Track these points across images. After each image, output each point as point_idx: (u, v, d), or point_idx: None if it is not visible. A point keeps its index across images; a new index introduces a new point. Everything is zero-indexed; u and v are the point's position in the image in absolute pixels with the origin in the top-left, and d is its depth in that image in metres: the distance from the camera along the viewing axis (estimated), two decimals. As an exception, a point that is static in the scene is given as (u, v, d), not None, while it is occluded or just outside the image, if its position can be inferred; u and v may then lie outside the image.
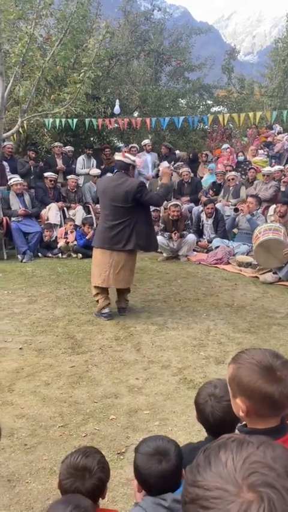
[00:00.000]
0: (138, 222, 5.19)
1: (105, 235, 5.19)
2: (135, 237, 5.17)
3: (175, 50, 13.19)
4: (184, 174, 10.01)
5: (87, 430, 3.34)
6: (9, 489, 2.77)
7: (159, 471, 1.66)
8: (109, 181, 5.32)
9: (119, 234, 5.15)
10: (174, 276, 7.22)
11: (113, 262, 5.20)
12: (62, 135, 11.23)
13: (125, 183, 5.11)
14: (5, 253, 8.21)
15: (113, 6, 17.55)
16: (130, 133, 12.80)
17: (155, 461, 1.68)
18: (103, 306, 5.38)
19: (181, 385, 3.95)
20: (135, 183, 5.15)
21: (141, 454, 1.72)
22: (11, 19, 6.45)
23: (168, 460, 1.68)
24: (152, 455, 1.69)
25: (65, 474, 1.73)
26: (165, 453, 1.70)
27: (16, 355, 4.45)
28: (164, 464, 1.67)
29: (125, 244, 5.16)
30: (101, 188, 5.36)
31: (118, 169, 5.37)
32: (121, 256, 5.21)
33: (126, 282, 5.38)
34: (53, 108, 7.11)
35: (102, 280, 5.26)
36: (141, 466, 1.69)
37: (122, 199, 5.09)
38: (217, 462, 0.74)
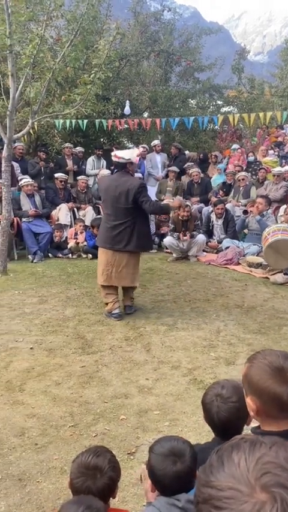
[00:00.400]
0: (138, 222, 5.23)
1: (107, 234, 5.26)
2: (136, 238, 5.22)
3: (185, 51, 13.16)
4: (194, 175, 9.99)
5: (97, 430, 3.35)
6: (20, 488, 2.78)
7: (173, 472, 1.66)
8: (111, 181, 5.36)
9: (120, 234, 5.20)
10: (184, 276, 7.21)
11: (115, 261, 5.27)
12: (72, 136, 11.27)
13: (127, 182, 5.16)
14: (16, 254, 8.26)
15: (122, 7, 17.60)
16: (140, 134, 12.81)
17: (170, 462, 1.68)
18: (115, 307, 5.40)
19: (191, 386, 3.95)
20: (137, 183, 5.21)
21: (155, 454, 1.73)
22: (22, 21, 6.48)
23: (183, 461, 1.68)
24: (167, 456, 1.70)
25: (76, 473, 1.74)
26: (180, 454, 1.70)
27: (27, 354, 4.48)
28: (178, 465, 1.67)
29: (126, 245, 5.21)
30: (103, 187, 5.41)
31: (117, 169, 5.45)
32: (123, 256, 5.27)
33: (129, 280, 5.41)
34: (64, 109, 7.14)
35: (105, 278, 5.33)
36: (155, 467, 1.70)
37: (123, 199, 5.14)
38: (230, 462, 0.74)
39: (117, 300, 5.46)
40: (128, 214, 5.17)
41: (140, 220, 5.25)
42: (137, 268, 5.51)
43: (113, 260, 5.27)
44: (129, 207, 5.14)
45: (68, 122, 9.72)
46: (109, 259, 5.28)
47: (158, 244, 8.95)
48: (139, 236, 5.24)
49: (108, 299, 5.42)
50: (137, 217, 5.20)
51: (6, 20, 6.05)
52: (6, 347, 4.63)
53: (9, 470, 2.94)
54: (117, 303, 5.43)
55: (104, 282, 5.36)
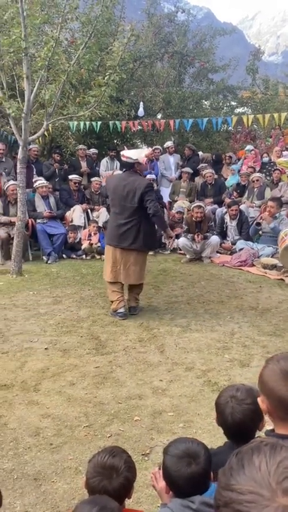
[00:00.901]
0: (144, 221, 5.28)
1: (114, 232, 5.34)
2: (142, 236, 5.29)
3: (199, 52, 13.13)
4: (208, 176, 9.96)
5: (111, 431, 3.36)
6: (35, 488, 2.80)
7: (188, 474, 1.66)
8: (119, 180, 5.42)
9: (126, 232, 5.27)
10: (198, 277, 7.19)
11: (123, 259, 5.34)
12: (86, 138, 11.32)
13: (135, 182, 5.24)
14: (31, 255, 8.32)
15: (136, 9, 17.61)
16: (153, 135, 12.81)
17: (185, 463, 1.68)
18: (120, 306, 5.45)
19: (205, 388, 3.93)
20: (144, 183, 5.30)
21: (170, 456, 1.73)
22: (37, 24, 6.53)
23: (197, 462, 1.68)
24: (182, 458, 1.70)
25: (92, 473, 1.75)
26: (195, 456, 1.70)
27: (42, 355, 4.51)
28: (193, 467, 1.67)
29: (132, 243, 5.28)
30: (111, 186, 5.46)
31: (125, 168, 5.54)
32: (130, 253, 5.34)
33: (135, 278, 5.46)
34: (78, 111, 7.17)
35: (113, 275, 5.40)
36: (170, 468, 1.70)
37: (130, 198, 5.22)
38: (250, 466, 0.74)
39: (123, 299, 5.51)
40: (135, 213, 5.24)
41: (146, 220, 5.30)
42: (144, 267, 5.58)
43: (121, 258, 5.35)
44: (136, 206, 5.22)
45: (82, 123, 9.77)
46: (117, 256, 5.36)
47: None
48: (145, 235, 5.31)
49: (113, 297, 5.48)
50: (143, 216, 5.26)
51: (22, 23, 6.10)
52: (21, 347, 4.67)
53: (24, 469, 2.96)
54: (122, 302, 5.48)
55: (112, 279, 5.43)
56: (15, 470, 2.95)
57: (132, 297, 5.68)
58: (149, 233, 5.40)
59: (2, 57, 6.39)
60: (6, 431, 3.34)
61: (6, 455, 3.10)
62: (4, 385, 3.94)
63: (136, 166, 5.38)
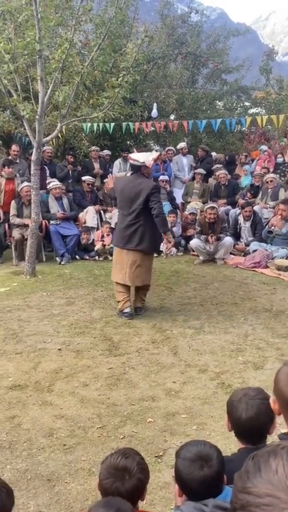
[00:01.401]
0: (150, 223, 5.34)
1: (121, 234, 5.43)
2: (148, 238, 5.35)
3: (212, 52, 13.09)
4: (221, 177, 9.92)
5: (125, 432, 3.36)
6: (49, 488, 2.81)
7: (201, 476, 1.65)
8: (126, 182, 5.50)
9: (132, 233, 5.34)
10: (211, 279, 7.16)
11: (129, 261, 5.39)
12: (99, 139, 11.35)
13: (141, 184, 5.31)
14: (44, 256, 8.37)
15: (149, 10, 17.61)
16: (166, 136, 12.81)
17: (197, 466, 1.66)
18: (125, 306, 5.50)
19: (219, 390, 3.91)
20: (150, 185, 5.36)
21: (182, 459, 1.71)
22: (51, 26, 6.57)
23: (210, 465, 1.66)
24: (194, 461, 1.68)
25: (105, 474, 1.74)
26: (207, 459, 1.68)
27: (55, 355, 4.53)
28: (206, 470, 1.65)
29: (138, 244, 5.34)
30: (119, 188, 5.52)
31: (133, 171, 5.60)
32: (136, 255, 5.39)
33: (142, 280, 5.52)
34: (92, 112, 7.20)
35: (121, 277, 5.46)
36: (182, 471, 1.68)
37: (137, 200, 5.28)
38: (267, 469, 0.73)
39: (128, 299, 5.56)
40: (141, 214, 5.31)
41: (152, 222, 5.35)
42: (150, 268, 5.63)
43: (127, 259, 5.40)
44: (142, 208, 5.28)
45: (96, 125, 9.80)
46: (123, 258, 5.42)
47: (184, 247, 8.92)
48: (151, 236, 5.39)
49: (119, 298, 5.55)
50: (149, 218, 5.31)
51: (36, 26, 6.14)
52: (35, 348, 4.69)
53: (38, 470, 2.97)
54: (127, 302, 5.52)
55: (120, 281, 5.49)
56: (29, 471, 2.96)
57: (139, 298, 5.73)
58: (155, 235, 5.47)
59: (17, 60, 6.43)
60: (20, 432, 3.36)
61: (20, 455, 3.12)
62: (18, 385, 3.96)
63: (143, 169, 5.45)
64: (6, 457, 3.10)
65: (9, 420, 3.49)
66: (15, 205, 8.20)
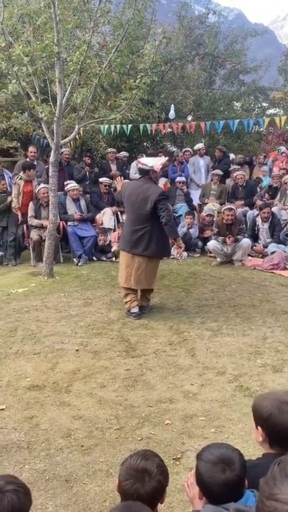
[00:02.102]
0: (157, 228, 5.35)
1: (127, 238, 5.47)
2: (155, 243, 5.38)
3: (230, 53, 13.02)
4: (239, 178, 9.85)
5: (142, 434, 3.35)
6: (67, 489, 2.81)
7: (222, 480, 1.63)
8: (134, 187, 5.53)
9: (139, 238, 5.38)
10: (229, 281, 7.11)
11: (135, 265, 5.45)
12: (116, 141, 11.37)
13: (149, 189, 5.34)
14: (62, 257, 8.41)
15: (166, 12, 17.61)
16: (184, 138, 12.77)
17: (219, 469, 1.65)
18: (133, 306, 5.56)
19: (237, 393, 3.88)
20: (158, 191, 5.37)
21: (204, 461, 1.70)
22: (69, 28, 6.61)
23: (232, 469, 1.64)
24: (216, 464, 1.66)
25: (124, 476, 1.74)
26: (230, 462, 1.66)
27: (73, 356, 4.54)
28: (228, 473, 1.64)
29: (144, 249, 5.38)
30: (126, 193, 5.54)
31: (141, 175, 5.63)
32: (142, 260, 5.44)
33: (146, 283, 5.58)
34: (109, 114, 7.21)
35: (124, 280, 5.53)
36: (204, 474, 1.67)
37: (144, 205, 5.30)
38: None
39: (136, 299, 5.62)
40: (148, 220, 5.34)
41: (159, 227, 5.36)
42: (155, 273, 5.69)
43: (132, 263, 5.45)
44: (149, 213, 5.30)
45: (113, 126, 9.82)
46: (128, 262, 5.47)
47: (201, 248, 8.87)
48: (157, 242, 5.40)
49: (127, 298, 5.60)
50: (155, 223, 5.33)
51: (55, 28, 6.18)
52: (53, 348, 4.71)
53: (56, 471, 2.98)
54: (135, 301, 5.59)
55: (124, 284, 5.57)
56: (47, 471, 2.97)
57: (144, 297, 5.81)
58: (161, 240, 5.48)
59: (35, 62, 6.49)
60: (38, 432, 3.37)
61: (38, 455, 3.13)
62: (36, 385, 3.98)
63: (151, 174, 5.48)
64: (25, 457, 3.12)
65: (27, 420, 3.51)
66: (33, 206, 8.26)
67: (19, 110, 9.52)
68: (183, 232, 8.69)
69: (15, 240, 8.34)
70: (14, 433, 3.36)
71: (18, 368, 4.30)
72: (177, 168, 10.52)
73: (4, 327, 5.27)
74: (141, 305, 5.73)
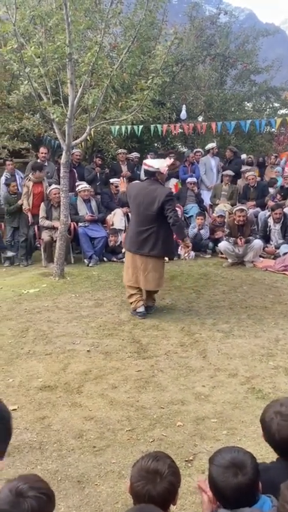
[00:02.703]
0: (163, 229, 5.39)
1: (133, 239, 5.49)
2: (161, 244, 5.40)
3: (241, 53, 12.94)
4: (250, 178, 9.80)
5: (154, 436, 3.34)
6: (79, 490, 2.81)
7: (235, 484, 1.62)
8: (140, 188, 5.55)
9: (145, 239, 5.40)
10: (240, 282, 7.07)
11: (142, 265, 5.48)
12: (127, 142, 11.37)
13: (156, 190, 5.36)
14: (72, 257, 8.43)
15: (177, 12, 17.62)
16: (195, 138, 12.73)
17: (231, 473, 1.64)
18: (139, 305, 5.59)
19: (249, 395, 3.85)
20: (165, 192, 5.39)
21: (216, 465, 1.69)
22: (81, 29, 6.62)
23: (244, 473, 1.63)
24: (228, 468, 1.66)
25: (136, 477, 1.73)
26: (242, 466, 1.65)
27: (84, 357, 4.55)
28: (240, 477, 1.63)
29: (151, 250, 5.40)
30: (132, 194, 5.57)
31: (147, 176, 5.63)
32: (149, 260, 5.47)
33: (155, 284, 5.60)
34: (121, 115, 7.22)
35: (134, 280, 5.56)
36: (216, 478, 1.66)
37: (151, 206, 5.33)
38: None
39: (141, 298, 5.64)
40: (154, 220, 5.36)
41: (165, 228, 5.39)
42: (162, 273, 5.70)
43: (140, 264, 5.49)
44: (156, 214, 5.32)
45: (124, 127, 9.82)
46: (136, 263, 5.51)
47: (212, 249, 8.83)
48: (163, 242, 5.43)
49: (132, 298, 5.63)
50: (162, 224, 5.36)
51: (66, 29, 6.19)
52: (64, 349, 4.72)
53: (68, 471, 2.98)
54: (141, 301, 5.61)
55: (132, 284, 5.59)
56: (59, 472, 2.97)
57: (150, 298, 5.82)
58: (167, 240, 5.53)
59: (47, 63, 6.51)
60: (50, 433, 3.38)
61: (50, 456, 3.13)
62: (48, 386, 3.99)
63: (157, 175, 5.51)
64: (37, 457, 3.13)
65: (39, 421, 3.52)
66: (44, 207, 8.29)
67: (31, 111, 9.55)
68: (194, 233, 8.67)
69: (27, 241, 8.38)
70: (26, 434, 3.37)
71: (30, 368, 4.32)
72: (188, 168, 10.48)
73: (16, 327, 5.30)
74: (147, 305, 5.74)
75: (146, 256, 5.45)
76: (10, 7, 6.11)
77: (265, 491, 1.69)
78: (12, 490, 1.43)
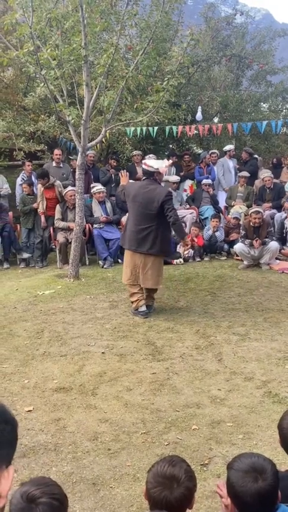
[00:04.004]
0: (162, 228, 5.51)
1: (132, 237, 5.59)
2: (160, 242, 5.51)
3: (257, 54, 12.84)
4: (266, 180, 9.71)
5: (169, 439, 3.32)
6: (94, 492, 2.81)
7: (255, 489, 1.58)
8: (139, 188, 5.65)
9: (144, 238, 5.50)
10: (256, 285, 7.00)
11: (141, 263, 5.57)
12: (142, 143, 11.36)
13: (155, 190, 5.49)
14: (87, 259, 8.44)
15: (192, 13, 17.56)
16: (210, 140, 12.67)
17: (251, 478, 1.60)
18: (141, 305, 5.66)
19: (266, 399, 3.81)
20: (164, 192, 5.53)
21: (235, 470, 1.65)
22: (97, 31, 6.63)
23: (264, 478, 1.59)
24: (247, 472, 1.62)
25: (152, 483, 1.71)
26: (262, 471, 1.61)
27: (99, 359, 4.54)
28: (260, 482, 1.59)
29: (150, 248, 5.50)
30: (131, 194, 5.64)
31: (146, 176, 5.75)
32: (149, 258, 5.57)
33: (154, 283, 5.66)
34: (136, 117, 7.21)
35: (133, 278, 5.65)
36: (236, 483, 1.62)
37: (150, 205, 5.44)
38: None
39: (143, 298, 5.70)
40: (154, 219, 5.47)
41: (164, 226, 5.52)
42: (161, 271, 5.77)
43: (140, 262, 5.57)
44: (155, 213, 5.44)
45: (139, 129, 9.81)
46: (136, 261, 5.59)
47: (227, 251, 8.77)
48: (162, 240, 5.54)
49: (134, 297, 5.71)
50: (160, 222, 5.47)
51: (82, 31, 6.21)
52: (79, 351, 4.72)
53: (83, 474, 2.98)
54: (142, 300, 5.68)
55: (132, 282, 5.66)
56: (74, 474, 2.97)
57: (149, 297, 5.84)
58: (165, 239, 5.64)
59: (63, 66, 6.53)
60: (65, 435, 3.38)
61: (65, 458, 3.13)
62: (63, 388, 4.00)
63: (156, 175, 5.64)
64: (52, 459, 3.13)
65: (54, 422, 3.52)
66: (60, 209, 8.33)
67: (46, 113, 9.61)
68: (208, 235, 8.62)
69: (42, 242, 8.42)
70: (41, 435, 3.38)
71: (45, 370, 4.33)
72: (203, 170, 10.44)
73: (31, 329, 5.32)
74: (147, 304, 5.79)
75: (145, 254, 5.54)
76: (27, 10, 6.15)
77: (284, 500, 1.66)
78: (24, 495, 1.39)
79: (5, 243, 8.31)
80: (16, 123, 8.93)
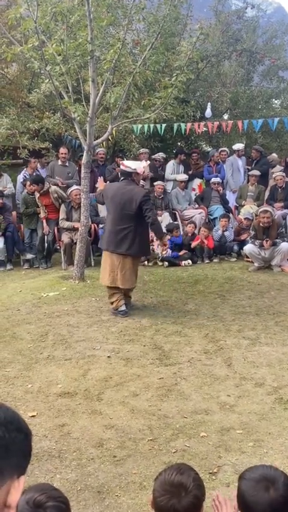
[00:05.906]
0: (140, 228, 5.57)
1: (111, 238, 5.62)
2: (138, 243, 5.56)
3: (269, 48, 12.57)
4: (278, 179, 9.50)
5: (177, 446, 3.22)
6: (99, 501, 2.72)
7: (266, 499, 1.53)
8: (117, 189, 5.72)
9: (123, 238, 5.54)
10: (267, 287, 6.84)
11: (120, 264, 5.59)
12: (149, 141, 11.22)
13: (132, 190, 5.56)
14: (93, 260, 8.26)
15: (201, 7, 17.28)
16: (220, 137, 12.49)
17: (262, 488, 1.55)
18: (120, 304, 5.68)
19: (277, 405, 3.69)
20: (142, 192, 5.62)
21: (246, 480, 1.62)
22: (103, 26, 6.50)
23: (276, 488, 1.54)
24: (259, 482, 1.58)
25: (159, 491, 1.65)
26: (273, 480, 1.57)
27: (104, 363, 4.44)
28: (271, 492, 1.54)
29: (128, 249, 5.54)
30: (109, 194, 5.69)
31: (123, 177, 5.83)
32: (126, 259, 5.60)
33: (132, 283, 5.75)
34: (143, 113, 7.07)
35: (111, 280, 5.62)
36: (246, 492, 1.58)
37: (128, 206, 5.50)
38: None
39: (122, 297, 5.72)
40: (131, 220, 5.52)
41: (142, 226, 5.60)
42: (137, 271, 5.89)
43: (118, 263, 5.59)
44: (133, 214, 5.49)
45: (146, 126, 9.67)
46: (114, 262, 5.61)
47: (237, 252, 8.61)
48: (140, 241, 5.60)
49: (113, 298, 5.72)
50: (138, 223, 5.54)
51: (88, 26, 6.08)
52: (84, 354, 4.62)
53: (88, 481, 2.89)
54: (122, 300, 5.70)
55: (110, 283, 5.65)
56: (79, 482, 2.88)
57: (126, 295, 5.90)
58: (143, 240, 5.70)
59: (68, 61, 6.40)
60: (69, 441, 3.29)
61: (69, 465, 3.04)
62: (67, 392, 3.90)
63: (134, 176, 5.70)
64: (56, 466, 3.04)
65: (58, 428, 3.43)
66: (65, 209, 8.20)
67: (51, 110, 9.46)
68: (218, 235, 8.45)
69: (42, 243, 8.26)
70: (45, 441, 3.29)
71: (49, 374, 4.23)
72: (213, 168, 10.25)
73: (35, 332, 5.22)
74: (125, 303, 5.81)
75: (123, 255, 5.56)
76: (31, 4, 6.02)
77: None
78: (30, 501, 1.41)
79: (8, 244, 8.18)
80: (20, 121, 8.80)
